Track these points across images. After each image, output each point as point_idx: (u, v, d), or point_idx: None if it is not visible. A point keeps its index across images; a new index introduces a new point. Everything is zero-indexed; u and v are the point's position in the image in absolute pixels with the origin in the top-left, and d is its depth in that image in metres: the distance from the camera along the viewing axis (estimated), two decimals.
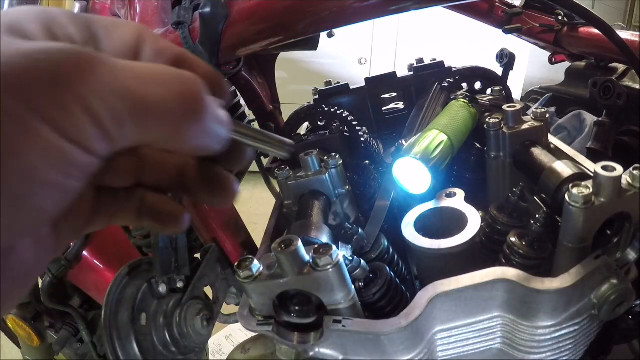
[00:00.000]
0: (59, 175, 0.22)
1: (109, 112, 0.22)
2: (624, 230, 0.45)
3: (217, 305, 0.83)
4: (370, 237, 0.55)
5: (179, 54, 0.29)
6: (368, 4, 0.64)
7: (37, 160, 0.20)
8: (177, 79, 0.24)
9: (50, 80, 0.21)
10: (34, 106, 0.20)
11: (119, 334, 0.72)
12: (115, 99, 0.22)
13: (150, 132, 0.24)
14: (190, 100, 0.25)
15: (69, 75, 0.21)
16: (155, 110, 0.23)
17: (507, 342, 0.46)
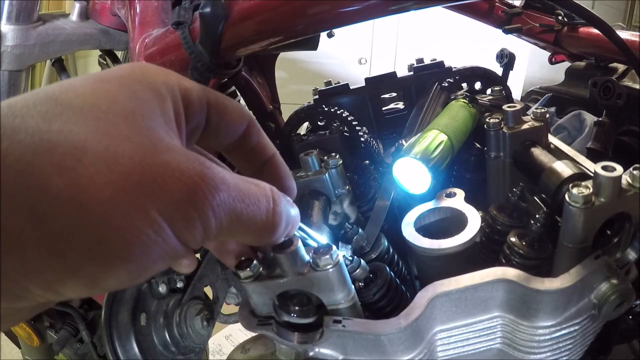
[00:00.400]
0: (163, 266, 0.27)
1: (217, 225, 0.27)
2: (624, 230, 0.45)
3: (217, 305, 0.83)
4: (370, 237, 0.55)
5: (274, 156, 0.37)
6: (368, 4, 0.64)
7: (157, 258, 0.26)
8: (267, 199, 0.31)
9: (188, 198, 0.26)
10: (168, 214, 0.25)
11: (119, 334, 0.72)
12: (224, 216, 0.27)
13: (236, 236, 0.31)
14: (273, 219, 0.31)
15: (201, 197, 0.26)
16: (247, 225, 0.29)
17: (507, 342, 0.46)
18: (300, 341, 0.42)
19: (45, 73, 2.78)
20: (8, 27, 0.93)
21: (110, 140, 0.25)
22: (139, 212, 0.24)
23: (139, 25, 0.86)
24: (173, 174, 0.26)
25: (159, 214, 0.25)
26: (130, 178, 0.24)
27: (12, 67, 0.96)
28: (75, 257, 0.23)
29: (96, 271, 0.24)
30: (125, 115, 0.26)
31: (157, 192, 0.25)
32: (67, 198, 0.23)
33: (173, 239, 0.26)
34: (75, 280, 0.24)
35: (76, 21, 1.03)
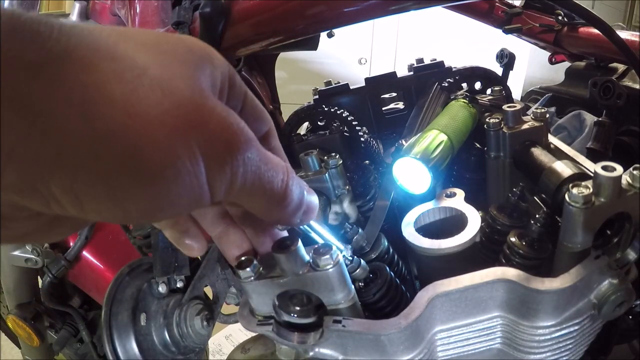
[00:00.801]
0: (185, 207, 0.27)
1: (242, 179, 0.29)
2: (624, 230, 0.45)
3: (217, 305, 0.83)
4: (370, 237, 0.55)
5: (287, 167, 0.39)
6: (368, 4, 0.64)
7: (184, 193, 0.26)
8: (283, 171, 0.32)
9: (226, 144, 0.27)
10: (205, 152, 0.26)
11: (119, 334, 0.72)
12: (250, 172, 0.29)
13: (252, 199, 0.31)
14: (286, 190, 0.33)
15: (237, 147, 0.28)
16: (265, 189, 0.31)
17: (507, 342, 0.46)
18: (300, 341, 0.42)
19: None
20: None
21: (167, 73, 0.27)
22: (180, 139, 0.25)
23: (139, 25, 0.86)
24: (217, 119, 0.27)
25: (197, 148, 0.26)
26: (179, 108, 0.26)
27: None
28: (111, 162, 0.24)
29: (126, 184, 0.24)
30: (182, 61, 0.28)
31: (201, 128, 0.26)
32: (119, 105, 0.24)
33: (203, 178, 0.27)
34: (102, 189, 0.24)
35: (76, 21, 1.03)
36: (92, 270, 0.96)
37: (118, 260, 0.92)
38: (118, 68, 0.25)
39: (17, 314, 1.01)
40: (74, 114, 0.23)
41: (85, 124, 0.23)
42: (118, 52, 0.26)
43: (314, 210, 0.37)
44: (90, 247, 0.95)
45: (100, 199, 0.25)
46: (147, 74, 0.26)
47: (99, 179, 0.24)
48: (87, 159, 0.23)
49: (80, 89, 0.23)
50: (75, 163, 0.23)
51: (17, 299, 1.03)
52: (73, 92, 0.23)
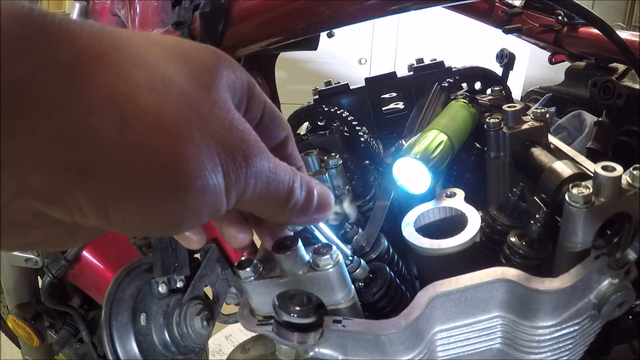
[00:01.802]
0: (205, 216, 0.28)
1: (252, 191, 0.30)
2: (624, 230, 0.45)
3: (217, 305, 0.83)
4: (370, 237, 0.55)
5: (301, 168, 0.40)
6: (368, 4, 0.64)
7: (207, 202, 0.27)
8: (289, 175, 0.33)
9: (243, 154, 0.28)
10: (225, 161, 0.27)
11: (119, 334, 0.72)
12: (260, 181, 0.30)
13: (257, 208, 0.33)
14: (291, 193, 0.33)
15: (252, 156, 0.29)
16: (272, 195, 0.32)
17: (507, 342, 0.46)
18: (300, 341, 0.42)
19: None
20: None
21: (194, 84, 0.27)
22: (207, 152, 0.26)
23: (139, 25, 0.86)
24: (236, 130, 0.29)
25: (219, 160, 0.27)
26: (203, 120, 0.27)
27: None
28: (143, 175, 0.24)
29: (156, 197, 0.25)
30: (207, 71, 0.29)
31: (222, 139, 0.27)
32: (152, 117, 0.24)
33: (222, 187, 0.27)
34: (133, 202, 0.24)
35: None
36: (92, 270, 0.96)
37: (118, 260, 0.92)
38: (149, 77, 0.25)
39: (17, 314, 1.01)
40: (108, 123, 0.23)
41: (119, 135, 0.23)
42: (149, 61, 0.26)
43: (327, 206, 0.37)
44: (90, 247, 0.95)
45: (128, 212, 0.25)
46: (175, 85, 0.26)
47: (129, 192, 0.24)
48: (118, 171, 0.23)
49: (114, 97, 0.23)
50: (106, 174, 0.23)
51: (17, 299, 1.03)
52: (107, 100, 0.23)
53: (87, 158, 0.23)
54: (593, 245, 0.44)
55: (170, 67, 0.27)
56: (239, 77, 0.32)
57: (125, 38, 0.26)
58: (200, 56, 0.29)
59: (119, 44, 0.25)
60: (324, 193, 0.36)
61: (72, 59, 0.23)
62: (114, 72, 0.24)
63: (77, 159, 0.23)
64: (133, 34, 0.27)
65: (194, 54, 0.29)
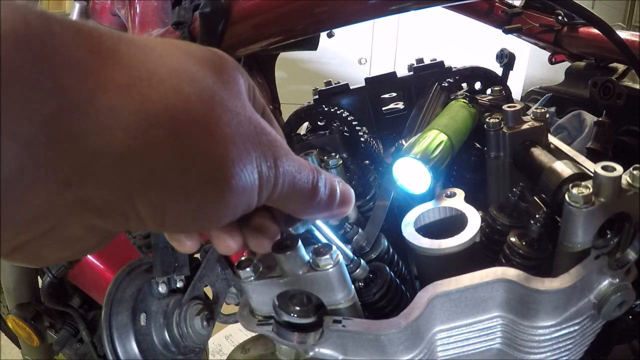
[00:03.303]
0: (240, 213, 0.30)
1: (280, 189, 0.31)
2: (624, 230, 0.45)
3: (217, 305, 0.83)
4: (370, 237, 0.55)
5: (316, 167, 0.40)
6: (368, 4, 0.64)
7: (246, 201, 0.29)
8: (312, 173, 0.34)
9: (273, 156, 0.30)
10: (260, 163, 0.29)
11: (119, 334, 0.72)
12: (287, 183, 0.32)
13: (284, 205, 0.34)
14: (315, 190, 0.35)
15: (280, 159, 0.31)
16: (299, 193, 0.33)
17: (507, 342, 0.46)
18: (300, 341, 0.42)
19: None
20: None
21: (229, 93, 0.29)
22: (247, 153, 0.28)
23: (139, 25, 0.86)
24: (265, 131, 0.30)
25: (255, 159, 0.29)
26: (241, 125, 0.29)
27: None
28: (197, 177, 0.26)
29: (208, 196, 0.27)
30: (233, 76, 0.30)
31: (257, 143, 0.29)
32: (202, 125, 0.26)
33: (256, 186, 0.29)
34: (188, 202, 0.26)
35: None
36: (92, 270, 0.96)
37: (118, 260, 0.92)
38: (196, 89, 0.27)
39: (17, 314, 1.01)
40: (165, 134, 0.25)
41: (174, 144, 0.25)
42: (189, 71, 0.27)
43: (349, 201, 0.38)
44: None
45: (182, 212, 0.27)
46: (217, 96, 0.28)
47: (186, 195, 0.26)
48: (176, 176, 0.25)
49: (167, 109, 0.25)
50: (165, 181, 0.25)
51: (17, 299, 1.03)
52: (161, 112, 0.25)
53: (147, 168, 0.24)
54: (593, 245, 0.44)
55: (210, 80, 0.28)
56: (247, 79, 0.33)
57: (152, 45, 0.27)
58: (225, 62, 0.31)
59: (154, 55, 0.26)
60: (345, 190, 0.38)
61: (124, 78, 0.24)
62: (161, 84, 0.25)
63: (139, 171, 0.24)
64: (151, 41, 0.28)
65: (218, 60, 0.30)
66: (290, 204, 0.34)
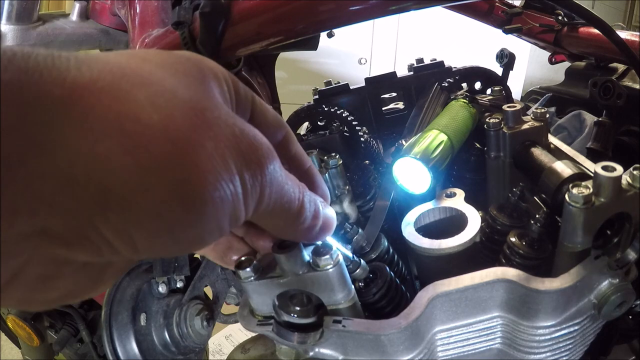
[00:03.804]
0: (226, 228, 0.27)
1: (268, 200, 0.29)
2: (624, 230, 0.45)
3: (217, 305, 0.83)
4: (370, 237, 0.55)
5: (310, 168, 0.39)
6: (368, 4, 0.64)
7: (227, 214, 0.26)
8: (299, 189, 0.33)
9: (258, 163, 0.28)
10: (241, 171, 0.26)
11: (119, 334, 0.72)
12: (275, 194, 0.29)
13: (270, 222, 0.33)
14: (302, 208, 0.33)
15: (266, 164, 0.28)
16: (284, 207, 0.31)
17: (507, 342, 0.46)
18: (300, 341, 0.42)
19: None
20: (8, 27, 0.93)
21: (194, 94, 0.27)
22: (221, 160, 0.25)
23: (139, 25, 0.86)
24: (247, 135, 0.28)
25: (235, 167, 0.26)
26: (213, 128, 0.26)
27: None
28: (162, 194, 0.23)
29: (179, 214, 0.24)
30: (200, 80, 0.28)
31: (235, 147, 0.26)
32: (160, 131, 0.23)
33: (240, 195, 0.27)
34: (157, 223, 0.24)
35: (76, 21, 1.03)
36: None
37: None
38: (150, 93, 0.24)
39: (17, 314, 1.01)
40: (116, 148, 0.22)
41: (129, 158, 0.22)
42: (145, 76, 0.25)
43: (331, 226, 0.36)
44: None
45: (153, 234, 0.24)
46: (177, 96, 0.25)
47: (151, 213, 0.23)
48: (136, 194, 0.23)
49: (116, 120, 0.22)
50: (125, 200, 0.23)
51: None
52: (110, 124, 0.22)
53: (102, 188, 0.22)
54: (593, 245, 0.44)
55: (167, 80, 0.26)
56: (223, 78, 0.31)
57: (114, 59, 0.25)
58: (188, 66, 0.29)
59: (111, 66, 0.24)
60: (328, 214, 0.36)
61: (64, 94, 0.22)
62: (111, 95, 0.23)
63: (93, 192, 0.22)
64: (119, 54, 0.26)
65: (182, 65, 0.28)
66: (276, 221, 0.32)
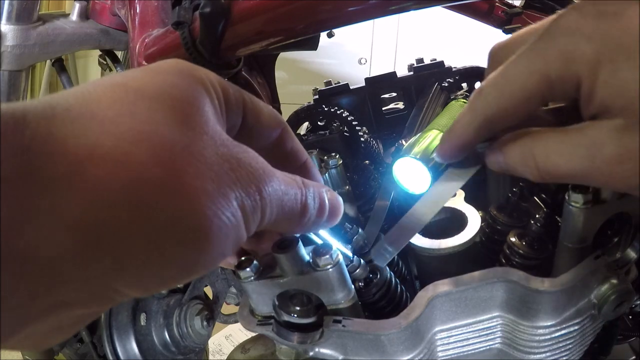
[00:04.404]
0: (229, 253, 0.27)
1: (269, 217, 0.29)
2: (624, 230, 0.45)
3: (217, 305, 0.83)
4: (370, 237, 0.55)
5: (306, 161, 0.39)
6: (368, 4, 0.64)
7: (230, 244, 0.27)
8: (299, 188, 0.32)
9: (256, 188, 0.28)
10: (242, 202, 0.27)
11: (119, 334, 0.72)
12: (275, 206, 0.29)
13: (273, 227, 0.32)
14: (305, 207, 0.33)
15: (264, 186, 0.28)
16: (288, 214, 0.31)
17: (507, 342, 0.46)
18: (300, 341, 0.42)
19: (45, 73, 2.78)
20: (8, 27, 0.93)
21: (192, 133, 0.26)
22: (223, 199, 0.26)
23: (139, 25, 0.86)
24: (244, 165, 0.28)
25: (235, 201, 0.26)
26: (213, 168, 0.26)
27: (12, 67, 0.96)
28: (173, 248, 0.24)
29: (189, 260, 0.25)
30: (196, 106, 0.27)
31: (235, 181, 0.27)
32: (168, 189, 0.23)
33: (242, 225, 0.27)
34: (168, 272, 0.25)
35: (76, 21, 1.03)
36: None
37: None
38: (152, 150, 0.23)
39: None
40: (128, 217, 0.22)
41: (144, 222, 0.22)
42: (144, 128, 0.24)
43: (338, 210, 0.37)
44: None
45: (166, 279, 0.25)
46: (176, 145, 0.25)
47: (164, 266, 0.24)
48: (148, 254, 0.23)
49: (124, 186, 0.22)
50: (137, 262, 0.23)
51: None
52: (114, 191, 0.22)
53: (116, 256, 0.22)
54: (593, 245, 0.44)
55: (165, 127, 0.25)
56: (212, 85, 0.30)
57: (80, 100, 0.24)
58: (180, 91, 0.27)
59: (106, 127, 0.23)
60: (333, 199, 0.36)
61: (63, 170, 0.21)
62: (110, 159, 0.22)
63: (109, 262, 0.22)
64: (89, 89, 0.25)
65: (175, 91, 0.27)
66: (280, 226, 0.33)
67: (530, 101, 0.33)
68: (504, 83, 0.34)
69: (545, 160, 0.33)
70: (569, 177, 0.33)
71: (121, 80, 0.26)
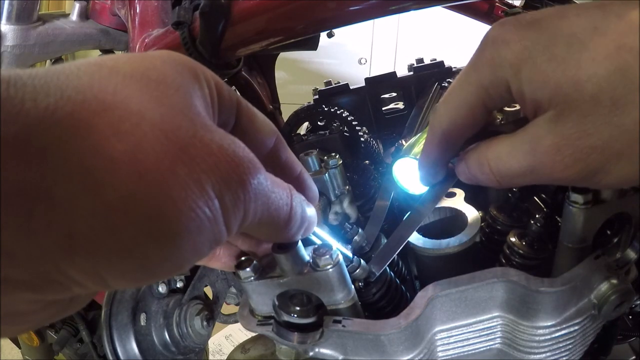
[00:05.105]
0: (207, 252, 0.26)
1: (253, 215, 0.28)
2: (624, 230, 0.45)
3: (217, 305, 0.83)
4: (370, 237, 0.55)
5: (301, 174, 0.38)
6: (368, 4, 0.64)
7: (206, 240, 0.25)
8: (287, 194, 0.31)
9: (238, 180, 0.26)
10: (220, 192, 0.24)
11: (119, 334, 0.72)
12: (261, 204, 0.28)
13: (260, 228, 0.31)
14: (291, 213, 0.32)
15: (248, 180, 0.26)
16: (273, 217, 0.30)
17: (507, 342, 0.46)
18: (300, 341, 0.42)
19: None
20: (8, 27, 0.93)
21: (165, 110, 0.24)
22: (196, 186, 0.23)
23: (139, 25, 0.86)
24: (226, 153, 0.25)
25: (213, 191, 0.24)
26: (187, 151, 0.23)
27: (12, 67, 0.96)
28: (131, 232, 0.21)
29: (151, 250, 0.22)
30: (176, 88, 0.26)
31: (213, 168, 0.24)
32: (126, 164, 0.21)
33: (221, 220, 0.25)
34: (128, 262, 0.22)
35: (76, 21, 1.03)
36: None
37: None
38: (114, 120, 0.22)
39: None
40: (78, 189, 0.20)
41: (93, 198, 0.20)
42: (108, 99, 0.22)
43: (313, 224, 0.36)
44: None
45: (125, 271, 0.23)
46: (145, 119, 0.23)
47: (120, 253, 0.22)
48: (103, 235, 0.21)
49: (77, 157, 0.20)
50: (91, 242, 0.21)
51: None
52: (70, 163, 0.20)
53: (66, 234, 0.20)
54: (593, 245, 0.44)
55: (134, 99, 0.23)
56: (206, 80, 0.29)
57: (76, 81, 0.22)
58: (163, 71, 0.26)
59: (70, 91, 0.21)
60: (310, 207, 0.35)
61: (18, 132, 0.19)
62: (71, 127, 0.20)
63: (56, 238, 0.20)
64: (82, 68, 0.23)
65: (155, 72, 0.26)
66: (264, 230, 0.31)
67: (475, 110, 0.36)
68: (450, 99, 0.37)
69: (498, 162, 0.35)
70: (520, 176, 0.35)
71: (101, 59, 0.25)
